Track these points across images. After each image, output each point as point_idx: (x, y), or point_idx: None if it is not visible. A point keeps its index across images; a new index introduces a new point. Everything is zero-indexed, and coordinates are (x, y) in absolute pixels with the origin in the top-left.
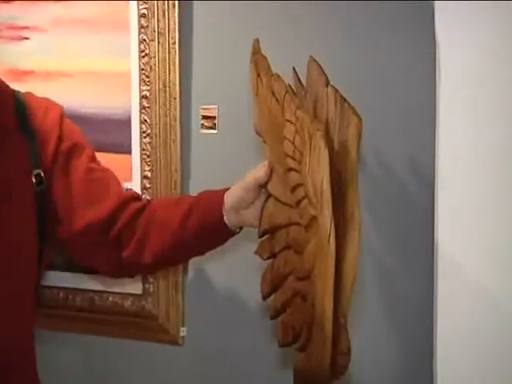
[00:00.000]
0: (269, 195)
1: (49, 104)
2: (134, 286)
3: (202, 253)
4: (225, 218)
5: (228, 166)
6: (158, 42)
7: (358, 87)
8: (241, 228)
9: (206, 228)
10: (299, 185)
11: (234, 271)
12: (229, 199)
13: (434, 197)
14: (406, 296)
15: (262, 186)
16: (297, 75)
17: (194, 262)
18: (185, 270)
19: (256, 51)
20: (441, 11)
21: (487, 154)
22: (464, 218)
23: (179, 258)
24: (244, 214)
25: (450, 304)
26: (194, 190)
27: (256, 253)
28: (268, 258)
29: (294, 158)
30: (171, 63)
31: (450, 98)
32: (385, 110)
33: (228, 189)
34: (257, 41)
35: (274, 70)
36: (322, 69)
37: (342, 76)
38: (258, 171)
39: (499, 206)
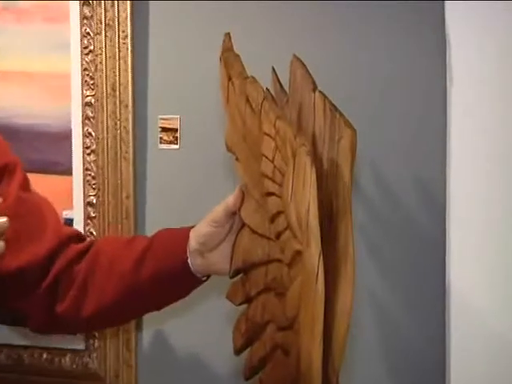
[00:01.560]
0: (243, 225)
1: None
2: (74, 340)
3: (158, 307)
4: (189, 261)
5: (193, 190)
6: (106, 35)
7: (352, 93)
8: (208, 276)
9: (165, 275)
10: (280, 213)
11: (198, 321)
12: (194, 238)
13: (444, 228)
14: (413, 348)
15: (234, 215)
16: (277, 78)
17: (149, 314)
18: (138, 323)
19: (227, 48)
20: (451, 12)
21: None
22: (482, 254)
23: (129, 314)
24: (212, 257)
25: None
26: (150, 221)
27: (227, 297)
28: (242, 304)
29: (273, 180)
30: (122, 62)
31: (464, 106)
32: (385, 122)
33: (193, 226)
34: (228, 35)
35: (250, 71)
36: (307, 70)
37: (333, 79)
38: (228, 198)
39: None
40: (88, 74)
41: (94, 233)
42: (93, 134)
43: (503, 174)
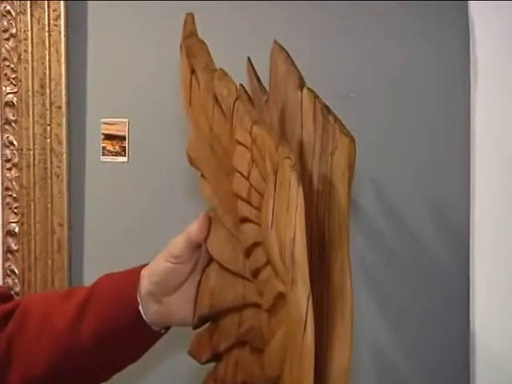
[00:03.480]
0: (210, 261)
1: None
2: None
3: (105, 375)
4: (141, 309)
5: (146, 215)
6: (32, 15)
7: (351, 91)
8: (167, 328)
9: (111, 331)
10: (258, 244)
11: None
12: (148, 278)
13: (467, 263)
14: None
15: (199, 248)
16: (254, 71)
17: None
18: None
19: (189, 33)
20: (476, 12)
21: None
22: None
23: None
24: (171, 303)
25: None
26: (90, 256)
27: (190, 353)
28: (209, 362)
29: (249, 202)
30: (53, 50)
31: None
32: (392, 130)
33: (145, 265)
34: (191, 16)
35: (219, 62)
36: (293, 62)
37: (327, 75)
38: (191, 226)
39: None
40: (8, 66)
41: (16, 271)
42: (15, 143)
43: None
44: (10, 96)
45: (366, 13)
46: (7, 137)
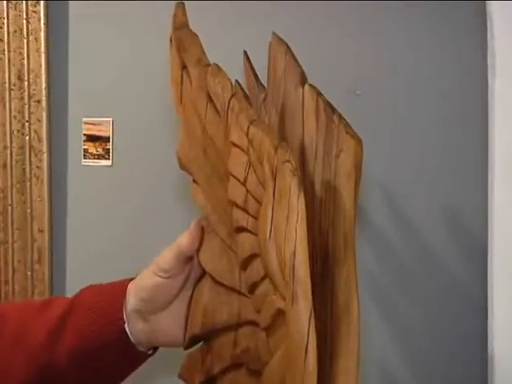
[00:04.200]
0: (202, 275)
1: None
2: None
3: None
4: (127, 328)
5: (132, 223)
6: (8, 0)
7: (358, 87)
8: (155, 349)
9: (92, 350)
10: (255, 256)
11: None
12: (134, 294)
13: (484, 278)
14: None
15: (190, 260)
16: (251, 66)
17: None
18: None
19: (180, 24)
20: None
21: None
22: None
23: None
24: (159, 322)
25: None
26: (72, 267)
27: (180, 377)
28: None
29: (245, 210)
30: (32, 39)
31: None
32: (403, 131)
33: (132, 279)
34: (181, 7)
35: (213, 57)
36: (294, 56)
37: (331, 68)
38: (181, 237)
39: None
40: None
41: None
42: None
43: None
44: None
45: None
46: None
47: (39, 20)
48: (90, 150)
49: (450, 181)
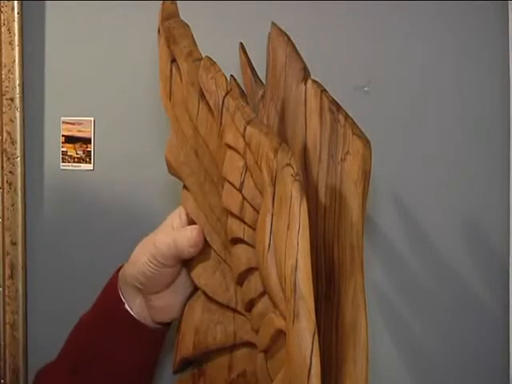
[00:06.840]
0: (195, 290)
1: None
2: None
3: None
4: (127, 307)
5: (115, 235)
6: None
7: (367, 83)
8: (168, 323)
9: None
10: (252, 270)
11: None
12: (130, 276)
13: (508, 299)
14: None
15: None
16: (247, 59)
17: None
18: None
19: (169, 14)
20: None
21: None
22: None
23: None
24: (154, 300)
25: None
26: (48, 284)
27: None
28: None
29: (241, 220)
30: (4, 30)
31: None
32: (418, 133)
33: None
34: None
35: (205, 50)
36: (295, 48)
37: (336, 62)
38: (182, 235)
39: None
40: None
41: None
42: None
43: None
44: None
45: None
46: None
47: (12, 9)
48: (69, 153)
49: (468, 188)
